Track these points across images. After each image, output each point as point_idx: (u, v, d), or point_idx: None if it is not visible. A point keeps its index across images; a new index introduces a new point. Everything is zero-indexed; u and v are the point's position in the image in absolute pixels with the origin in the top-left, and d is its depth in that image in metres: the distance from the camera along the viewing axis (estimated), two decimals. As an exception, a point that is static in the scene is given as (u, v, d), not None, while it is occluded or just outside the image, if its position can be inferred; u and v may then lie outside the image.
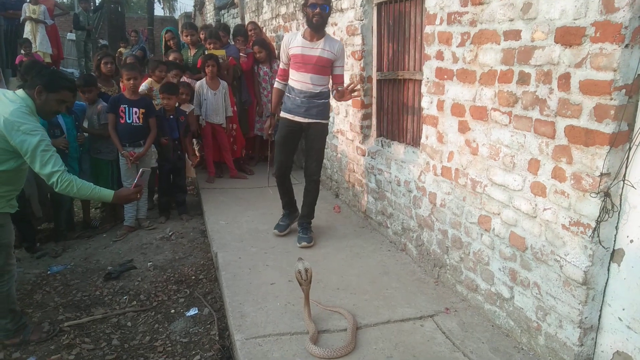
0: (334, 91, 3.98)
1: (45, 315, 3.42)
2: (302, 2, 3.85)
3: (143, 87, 5.21)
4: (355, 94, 3.96)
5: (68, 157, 4.39)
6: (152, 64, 5.52)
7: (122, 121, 4.69)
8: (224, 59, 6.01)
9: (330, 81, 4.04)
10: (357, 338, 2.77)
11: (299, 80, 3.91)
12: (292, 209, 4.41)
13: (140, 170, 3.21)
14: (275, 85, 4.17)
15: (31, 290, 3.78)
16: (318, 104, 3.94)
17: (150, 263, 4.18)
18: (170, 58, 6.08)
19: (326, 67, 3.90)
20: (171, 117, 5.08)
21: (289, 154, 4.15)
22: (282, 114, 4.04)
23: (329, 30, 5.12)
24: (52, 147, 2.76)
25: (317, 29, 3.78)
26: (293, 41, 3.89)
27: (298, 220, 4.27)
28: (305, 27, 3.90)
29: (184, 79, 5.79)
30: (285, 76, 4.05)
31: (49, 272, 4.06)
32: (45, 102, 2.83)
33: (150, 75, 5.45)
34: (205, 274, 4.01)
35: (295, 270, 2.89)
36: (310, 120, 3.96)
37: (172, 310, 3.48)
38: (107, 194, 2.98)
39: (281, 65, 4.08)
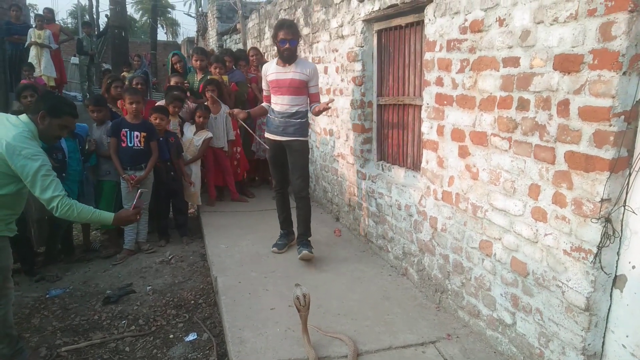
0: (312, 108, 4.27)
1: (42, 339, 3.38)
2: (272, 34, 4.15)
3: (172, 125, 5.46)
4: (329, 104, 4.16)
5: (68, 180, 4.40)
6: (167, 99, 5.54)
7: (124, 145, 4.72)
8: (226, 84, 6.07)
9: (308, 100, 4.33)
10: (358, 365, 2.73)
11: (277, 103, 4.24)
12: (290, 229, 4.61)
13: (139, 191, 3.22)
14: (262, 104, 4.55)
15: (29, 314, 3.75)
16: (294, 123, 4.22)
17: (150, 287, 4.16)
18: (172, 82, 6.12)
19: (300, 88, 4.19)
20: (160, 139, 5.11)
21: (281, 170, 4.47)
22: (266, 135, 4.39)
23: (329, 57, 5.20)
24: (53, 172, 2.77)
25: (287, 60, 4.12)
26: (269, 69, 4.24)
27: (297, 239, 4.37)
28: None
29: (188, 103, 5.84)
30: (268, 100, 4.40)
31: (47, 296, 4.04)
32: (47, 127, 2.86)
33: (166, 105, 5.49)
34: (205, 298, 3.98)
35: (293, 296, 2.87)
36: (288, 139, 4.23)
37: (171, 335, 3.44)
38: (107, 216, 2.99)
39: (264, 92, 4.45)
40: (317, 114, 4.22)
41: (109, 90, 5.62)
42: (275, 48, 4.24)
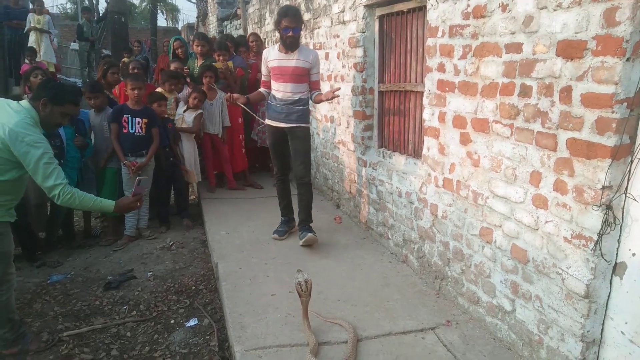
0: (313, 95, 4.29)
1: (44, 324, 3.40)
2: (275, 20, 4.15)
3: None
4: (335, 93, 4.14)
5: (67, 167, 4.39)
6: (163, 77, 5.53)
7: (125, 131, 4.71)
8: (232, 71, 6.03)
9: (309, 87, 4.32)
10: (357, 350, 2.75)
11: (279, 90, 4.22)
12: (291, 216, 4.64)
13: (137, 178, 3.23)
14: (260, 90, 4.46)
15: (31, 299, 3.77)
16: (297, 110, 4.22)
17: (151, 273, 4.17)
18: (172, 67, 6.09)
19: (302, 76, 4.19)
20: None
21: (282, 157, 4.48)
22: (267, 121, 4.38)
23: (331, 42, 5.16)
24: (55, 160, 2.77)
25: (290, 47, 4.11)
26: (270, 55, 4.22)
27: (298, 225, 4.39)
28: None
29: (188, 90, 5.82)
30: (267, 86, 4.38)
31: (49, 282, 4.05)
32: (49, 115, 2.85)
33: (161, 86, 5.48)
34: (206, 284, 4.00)
35: (295, 282, 2.88)
36: (291, 125, 4.24)
37: (172, 321, 3.46)
38: (109, 204, 2.99)
39: (263, 78, 4.40)
40: (320, 101, 4.26)
41: (105, 76, 5.58)
42: (277, 34, 4.23)
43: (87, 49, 12.26)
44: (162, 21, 40.09)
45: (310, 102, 4.40)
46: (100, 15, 15.17)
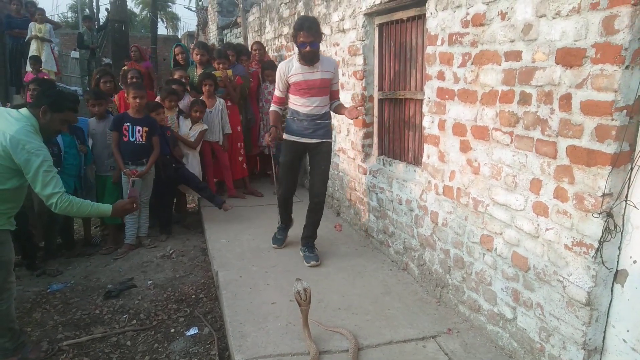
0: (333, 105, 4.11)
1: (44, 334, 3.39)
2: (292, 34, 3.92)
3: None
4: (359, 109, 3.99)
5: (64, 174, 4.39)
6: (163, 93, 5.53)
7: (125, 139, 4.71)
8: (231, 79, 6.06)
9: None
10: (359, 359, 2.73)
11: (305, 105, 3.98)
12: (289, 222, 4.56)
13: (131, 180, 3.26)
14: (273, 109, 4.17)
15: (30, 308, 3.76)
16: (324, 125, 4.06)
17: (151, 281, 4.16)
18: (176, 76, 6.09)
19: (327, 87, 4.02)
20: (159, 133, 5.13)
21: (295, 175, 4.31)
22: (287, 137, 4.10)
23: (330, 51, 5.18)
24: (54, 168, 2.79)
25: (310, 61, 3.87)
26: (291, 69, 3.94)
27: (302, 240, 4.27)
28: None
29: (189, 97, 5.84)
30: (281, 103, 4.13)
31: (48, 290, 4.04)
32: (49, 122, 2.87)
33: (161, 101, 5.48)
34: (206, 292, 3.99)
35: (294, 291, 2.88)
36: (318, 141, 4.05)
37: (172, 330, 3.45)
38: (106, 209, 3.04)
39: (277, 93, 4.09)
40: (340, 114, 4.09)
41: (97, 85, 5.58)
42: (295, 47, 3.99)
43: (87, 57, 12.30)
44: (162, 29, 40.31)
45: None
46: (101, 23, 15.22)
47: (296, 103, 4.02)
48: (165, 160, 5.13)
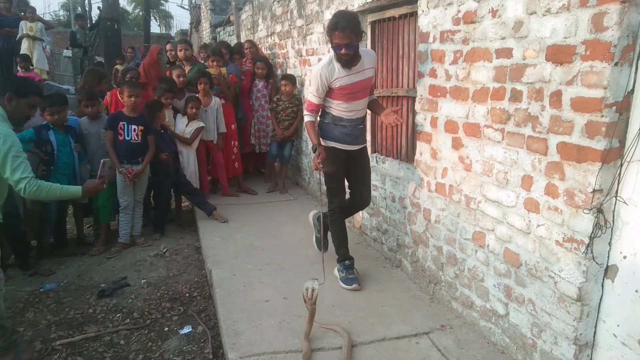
0: (371, 99, 3.77)
1: (37, 333, 3.38)
2: (327, 33, 3.42)
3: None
4: (398, 115, 3.60)
5: (57, 173, 4.38)
6: (158, 91, 5.50)
7: (121, 138, 4.69)
8: (225, 77, 6.05)
9: None
10: (352, 356, 2.75)
11: (351, 110, 3.58)
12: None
13: (102, 161, 3.29)
14: (309, 119, 3.62)
15: (23, 308, 3.74)
16: (363, 128, 3.77)
17: (144, 280, 4.15)
18: (174, 75, 6.03)
19: (370, 86, 3.68)
20: (162, 131, 5.12)
21: (344, 185, 3.83)
22: (332, 144, 3.64)
23: (323, 48, 5.18)
24: (23, 154, 2.83)
25: (349, 64, 3.41)
26: (334, 73, 3.44)
27: (344, 261, 3.78)
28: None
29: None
30: (318, 109, 3.63)
31: (41, 290, 4.02)
32: (16, 108, 2.93)
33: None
34: (200, 291, 3.98)
35: (303, 287, 2.87)
36: (361, 146, 3.77)
37: (166, 328, 3.44)
38: (76, 190, 3.08)
39: (314, 100, 3.55)
40: (375, 112, 3.80)
41: (91, 86, 5.56)
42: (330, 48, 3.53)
43: (79, 56, 12.25)
44: (155, 28, 40.13)
45: None
46: (94, 22, 15.15)
47: (339, 108, 3.58)
48: (170, 157, 5.11)
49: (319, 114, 3.69)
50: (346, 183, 3.85)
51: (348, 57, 3.36)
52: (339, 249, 3.79)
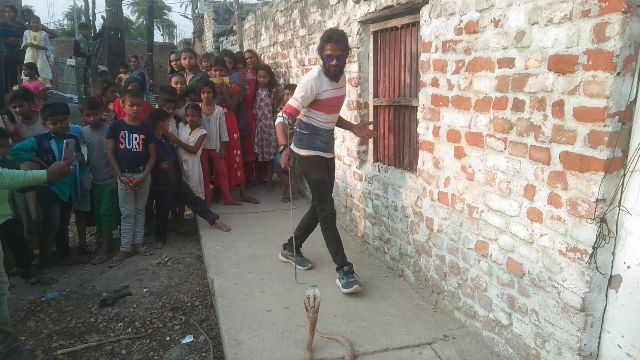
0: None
1: (38, 342, 3.37)
2: (318, 45, 3.67)
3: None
4: (371, 128, 3.97)
5: (60, 182, 4.40)
6: (160, 101, 5.53)
7: (122, 147, 4.70)
8: (228, 86, 6.07)
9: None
10: (354, 366, 2.73)
11: (328, 122, 3.85)
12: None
13: (65, 141, 3.29)
14: (282, 120, 3.60)
15: (25, 317, 3.74)
16: (333, 137, 4.04)
17: (146, 289, 4.15)
18: (173, 81, 6.03)
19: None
20: (164, 141, 5.13)
21: (330, 190, 4.02)
22: (316, 153, 3.83)
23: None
24: None
25: (334, 77, 3.67)
26: (322, 85, 3.65)
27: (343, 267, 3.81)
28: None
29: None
30: (294, 117, 3.68)
31: (43, 299, 4.02)
32: None
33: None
34: (201, 300, 3.97)
35: (304, 295, 2.85)
36: (334, 154, 4.07)
37: (167, 338, 3.43)
38: (41, 174, 3.06)
39: (297, 105, 3.60)
40: (346, 127, 4.16)
41: (105, 93, 5.61)
42: (321, 60, 3.71)
43: (83, 65, 12.32)
44: (158, 37, 40.36)
45: None
46: (97, 31, 15.25)
47: (320, 120, 3.79)
48: (170, 167, 5.12)
49: (293, 121, 3.73)
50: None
51: (337, 69, 3.62)
52: (336, 256, 3.82)
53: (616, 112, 2.09)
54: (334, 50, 3.53)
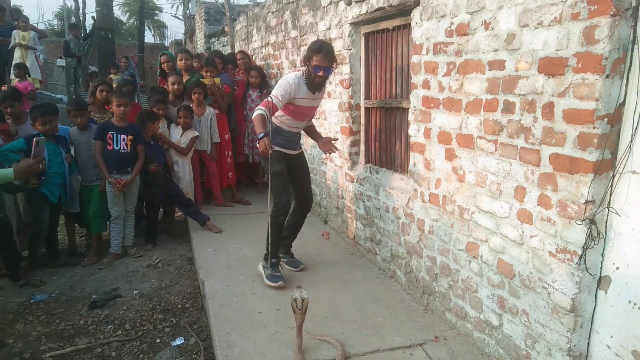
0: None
1: (27, 345, 3.34)
2: (305, 55, 3.64)
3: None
4: (335, 144, 4.06)
5: (48, 183, 4.37)
6: (151, 102, 5.50)
7: (110, 148, 4.66)
8: (219, 87, 6.05)
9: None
10: (345, 367, 2.73)
11: (293, 127, 3.89)
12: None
13: (35, 139, 3.27)
14: (262, 112, 3.48)
15: (13, 319, 3.69)
16: (299, 138, 4.14)
17: (136, 291, 4.12)
18: (169, 81, 5.97)
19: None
20: (152, 142, 5.10)
21: (289, 187, 3.97)
22: (278, 149, 3.76)
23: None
24: None
25: (317, 88, 3.73)
26: (299, 92, 3.66)
27: (284, 247, 4.16)
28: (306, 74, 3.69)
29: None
30: (274, 112, 3.64)
31: (32, 301, 3.98)
32: None
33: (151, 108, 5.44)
34: (192, 302, 3.95)
35: (291, 297, 2.85)
36: (299, 151, 4.10)
37: (158, 340, 3.41)
38: (7, 172, 3.05)
39: (276, 102, 3.54)
40: (313, 137, 4.21)
41: (94, 93, 5.56)
42: (307, 69, 3.68)
43: (73, 65, 12.23)
44: (149, 38, 40.15)
45: None
46: (87, 32, 15.16)
47: (284, 122, 3.84)
48: (159, 169, 5.09)
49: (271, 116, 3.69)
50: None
51: (322, 80, 3.66)
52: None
53: (605, 114, 2.11)
54: (323, 61, 3.54)
